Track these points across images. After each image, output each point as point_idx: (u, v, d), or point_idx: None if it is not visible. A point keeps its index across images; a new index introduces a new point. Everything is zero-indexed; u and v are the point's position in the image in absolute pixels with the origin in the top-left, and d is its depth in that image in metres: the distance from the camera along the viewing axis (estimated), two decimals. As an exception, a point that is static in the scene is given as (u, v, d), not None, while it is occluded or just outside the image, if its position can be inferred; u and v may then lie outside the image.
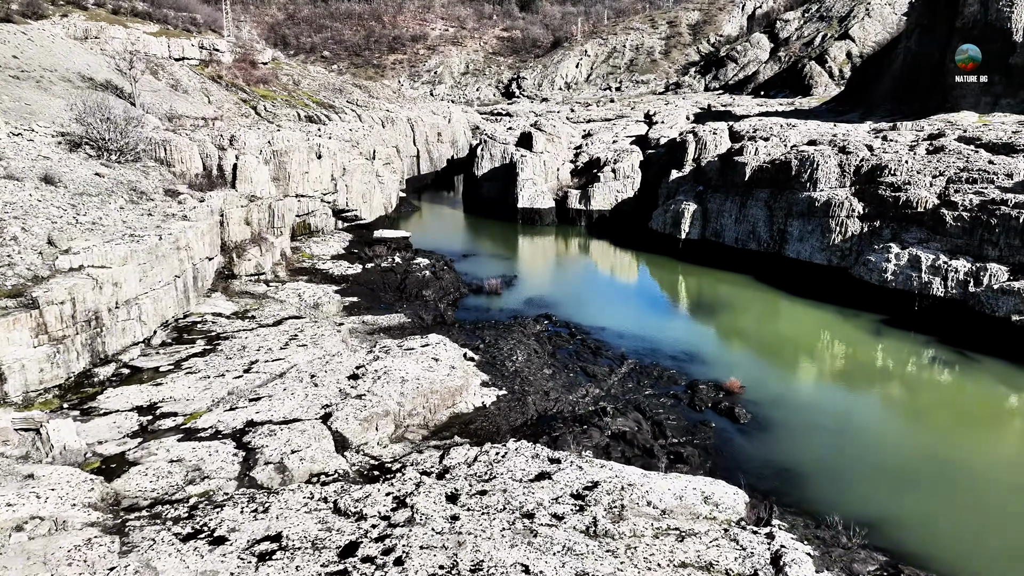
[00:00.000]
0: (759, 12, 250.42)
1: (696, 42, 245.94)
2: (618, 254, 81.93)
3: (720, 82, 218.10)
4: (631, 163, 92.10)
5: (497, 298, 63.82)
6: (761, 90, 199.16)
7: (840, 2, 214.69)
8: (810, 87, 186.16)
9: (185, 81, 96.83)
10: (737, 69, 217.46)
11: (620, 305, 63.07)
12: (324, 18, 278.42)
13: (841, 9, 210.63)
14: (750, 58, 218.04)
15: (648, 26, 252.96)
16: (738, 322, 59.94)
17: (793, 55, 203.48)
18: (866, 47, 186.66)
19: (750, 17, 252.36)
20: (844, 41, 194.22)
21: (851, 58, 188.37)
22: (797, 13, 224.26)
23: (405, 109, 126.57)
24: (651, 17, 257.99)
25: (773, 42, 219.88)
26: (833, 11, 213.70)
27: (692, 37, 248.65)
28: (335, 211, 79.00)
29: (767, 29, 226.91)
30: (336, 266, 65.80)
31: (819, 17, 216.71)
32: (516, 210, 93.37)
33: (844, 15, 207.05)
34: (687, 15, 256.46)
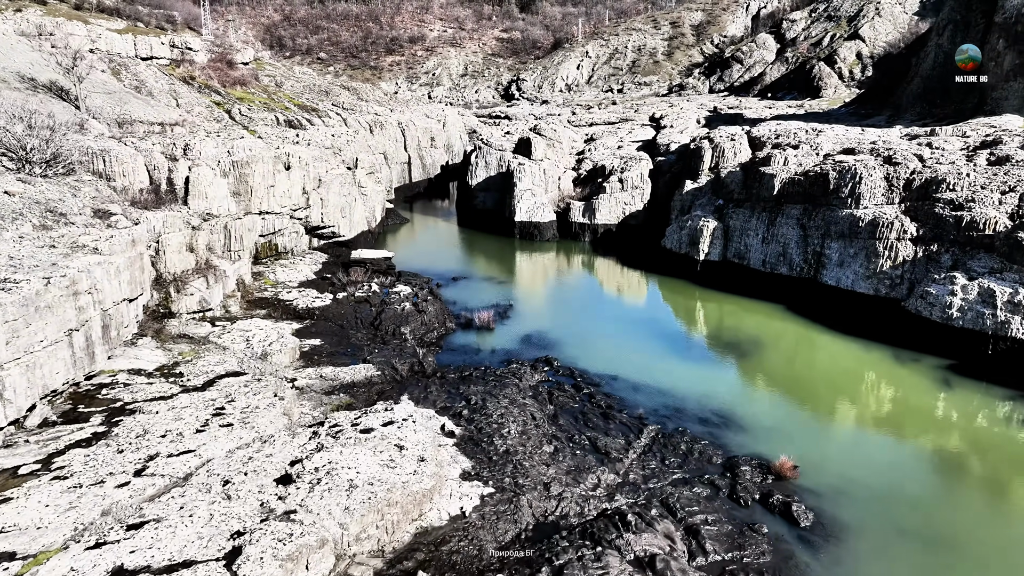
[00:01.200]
0: (764, 12, 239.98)
1: (699, 43, 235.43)
2: (627, 276, 71.46)
3: (725, 83, 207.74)
4: (640, 172, 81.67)
5: (489, 335, 53.44)
6: (768, 92, 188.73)
7: (848, 2, 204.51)
8: (819, 88, 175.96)
9: (151, 82, 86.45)
10: (742, 70, 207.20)
11: (633, 344, 52.65)
12: (321, 19, 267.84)
13: (849, 9, 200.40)
14: (756, 59, 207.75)
15: (650, 27, 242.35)
16: (774, 367, 49.49)
17: (801, 56, 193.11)
18: (877, 47, 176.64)
19: (754, 17, 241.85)
20: (854, 41, 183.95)
21: (861, 59, 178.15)
22: (804, 13, 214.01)
23: (396, 112, 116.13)
24: (653, 18, 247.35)
25: (779, 43, 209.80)
26: (841, 11, 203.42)
27: (695, 38, 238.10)
28: (308, 228, 68.62)
29: (773, 29, 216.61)
30: (302, 296, 55.47)
31: (827, 17, 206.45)
32: (513, 224, 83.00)
33: (853, 15, 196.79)
34: (690, 15, 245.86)
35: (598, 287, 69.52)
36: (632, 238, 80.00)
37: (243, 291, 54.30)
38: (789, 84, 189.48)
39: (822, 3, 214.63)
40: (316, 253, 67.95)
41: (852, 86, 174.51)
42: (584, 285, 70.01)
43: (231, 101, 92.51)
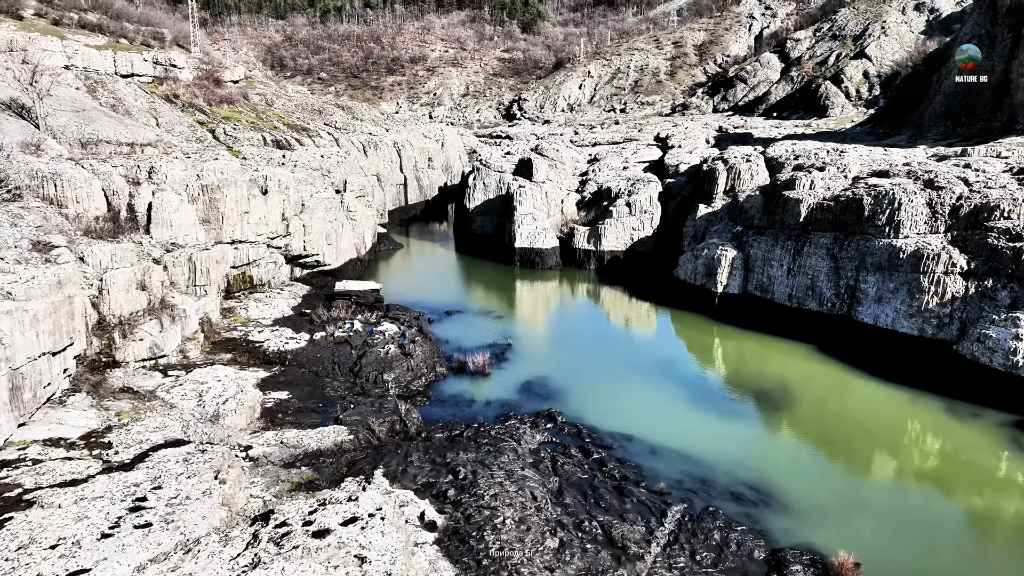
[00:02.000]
0: (767, 32, 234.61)
1: (703, 63, 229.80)
2: (637, 309, 64.53)
3: (729, 103, 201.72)
4: (649, 195, 74.96)
5: (484, 381, 46.47)
6: (773, 111, 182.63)
7: (853, 21, 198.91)
8: (826, 108, 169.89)
9: (130, 100, 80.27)
10: (747, 90, 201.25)
11: (646, 392, 45.63)
12: (322, 40, 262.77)
13: (855, 28, 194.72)
14: (760, 78, 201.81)
15: (653, 47, 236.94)
16: (811, 421, 42.41)
17: (806, 75, 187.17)
18: (884, 66, 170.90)
19: (757, 37, 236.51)
20: (860, 60, 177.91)
21: (868, 78, 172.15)
22: (808, 32, 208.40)
23: (392, 132, 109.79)
24: (655, 38, 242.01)
25: (784, 62, 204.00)
26: (847, 30, 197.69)
27: (698, 58, 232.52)
28: (289, 257, 61.88)
29: (777, 49, 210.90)
30: (275, 336, 48.60)
31: (832, 36, 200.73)
32: (513, 250, 76.22)
33: (858, 34, 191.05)
34: (692, 35, 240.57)
35: (605, 322, 62.50)
36: (641, 266, 73.16)
37: (208, 331, 47.44)
38: (795, 103, 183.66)
39: (826, 22, 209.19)
40: (297, 285, 61.16)
41: (860, 105, 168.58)
42: (590, 319, 63.01)
43: (216, 120, 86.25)
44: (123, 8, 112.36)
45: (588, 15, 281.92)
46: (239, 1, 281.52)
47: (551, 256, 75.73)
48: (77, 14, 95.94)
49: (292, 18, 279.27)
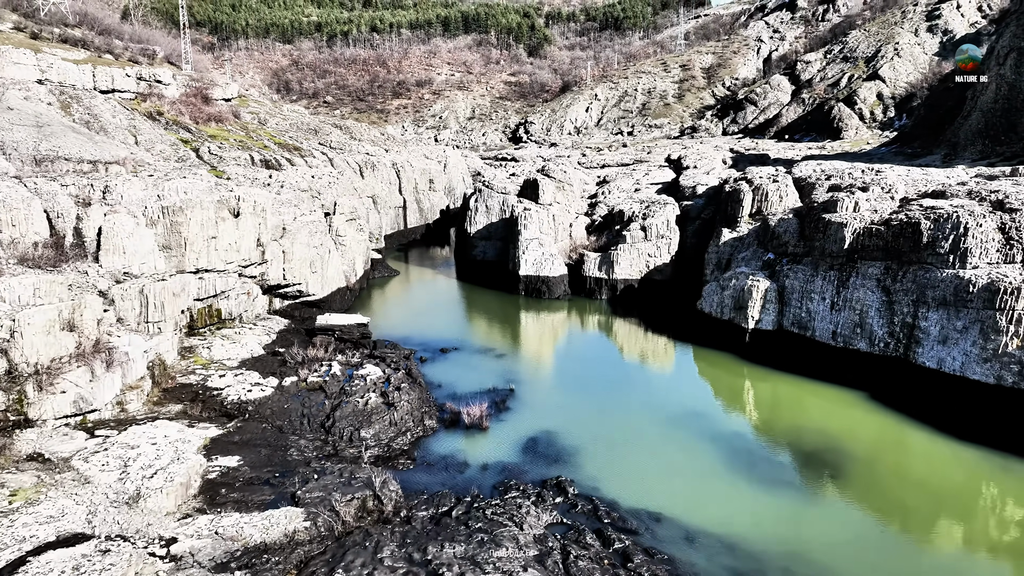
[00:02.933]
0: (775, 55, 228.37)
1: (711, 85, 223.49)
2: (655, 347, 56.68)
3: (739, 125, 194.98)
4: (665, 219, 67.37)
5: (481, 437, 38.63)
6: (785, 133, 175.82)
7: (865, 43, 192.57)
8: (840, 130, 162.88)
9: (107, 117, 73.42)
10: (757, 112, 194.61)
11: (673, 451, 37.66)
12: (328, 64, 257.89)
13: (866, 50, 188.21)
14: (770, 100, 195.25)
15: (660, 70, 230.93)
16: (871, 488, 34.31)
17: (818, 97, 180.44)
18: (898, 88, 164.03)
19: (766, 60, 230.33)
20: (873, 82, 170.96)
21: (883, 99, 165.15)
22: (819, 54, 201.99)
23: (392, 153, 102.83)
24: (663, 61, 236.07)
25: (794, 84, 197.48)
26: (858, 52, 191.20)
27: (706, 80, 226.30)
28: (266, 287, 54.44)
29: (787, 71, 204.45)
30: (238, 382, 40.94)
31: (843, 58, 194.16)
32: (518, 278, 68.62)
33: (870, 56, 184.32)
34: (700, 58, 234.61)
35: (620, 361, 54.51)
36: (658, 297, 65.46)
37: (159, 376, 39.86)
38: (807, 126, 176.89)
39: (837, 44, 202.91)
40: (274, 319, 53.61)
41: (875, 127, 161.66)
42: (603, 358, 55.01)
43: (202, 139, 79.36)
44: (114, 26, 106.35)
45: (595, 39, 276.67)
46: (246, 26, 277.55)
47: (559, 285, 68.07)
48: (60, 28, 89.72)
49: (299, 42, 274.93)
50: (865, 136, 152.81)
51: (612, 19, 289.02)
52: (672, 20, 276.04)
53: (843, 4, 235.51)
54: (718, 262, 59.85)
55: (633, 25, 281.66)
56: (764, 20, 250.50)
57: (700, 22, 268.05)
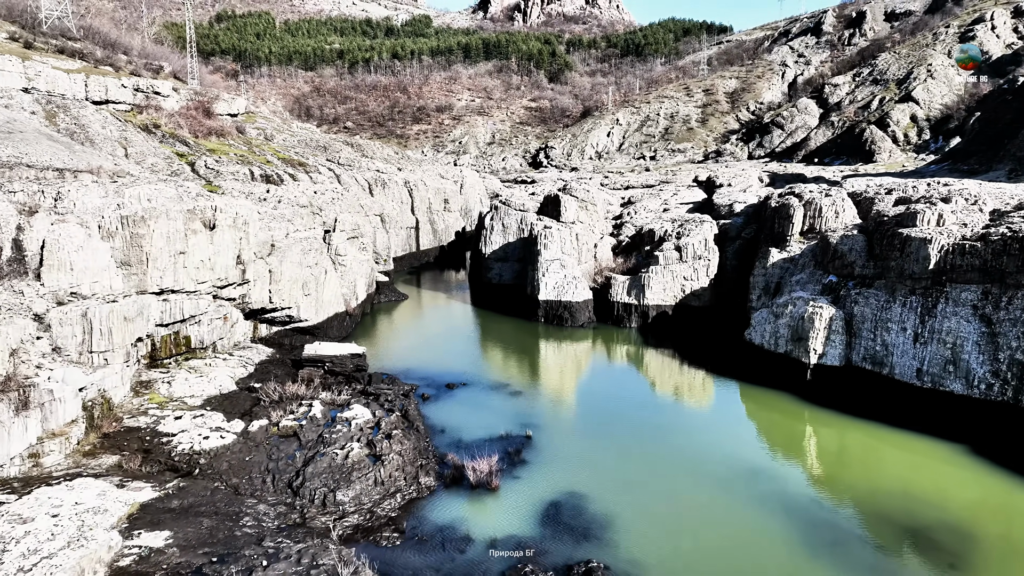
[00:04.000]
0: (801, 79, 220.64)
1: (735, 110, 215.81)
2: (696, 383, 48.12)
3: (765, 149, 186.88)
4: (703, 238, 59.10)
5: (491, 500, 30.32)
6: (814, 157, 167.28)
7: (895, 65, 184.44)
8: (872, 152, 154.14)
9: (95, 128, 67.01)
10: (784, 136, 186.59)
11: (726, 519, 29.06)
12: (349, 90, 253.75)
13: (897, 72, 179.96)
14: (798, 124, 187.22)
15: (683, 94, 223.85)
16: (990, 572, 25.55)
17: (847, 120, 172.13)
18: (933, 109, 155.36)
19: (791, 84, 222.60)
20: (907, 104, 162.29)
21: (917, 121, 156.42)
22: (847, 77, 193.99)
23: (405, 171, 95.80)
24: (686, 86, 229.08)
25: (822, 107, 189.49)
26: (888, 74, 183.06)
27: (730, 105, 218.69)
28: (249, 311, 46.80)
29: (814, 94, 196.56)
30: (196, 426, 33.06)
31: (872, 81, 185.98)
32: (537, 303, 60.56)
33: (902, 78, 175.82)
34: (724, 83, 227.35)
35: (656, 401, 45.88)
36: (695, 325, 57.04)
37: (101, 418, 32.14)
38: (836, 149, 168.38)
39: (866, 67, 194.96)
40: (256, 348, 45.87)
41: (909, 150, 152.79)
42: (635, 397, 46.40)
43: (199, 152, 72.66)
44: (121, 41, 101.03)
45: (616, 65, 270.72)
46: (270, 54, 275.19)
47: (583, 311, 59.87)
48: (60, 40, 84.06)
49: (321, 69, 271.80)
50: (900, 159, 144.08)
51: (633, 46, 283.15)
52: (694, 46, 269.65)
53: (870, 28, 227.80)
54: (766, 286, 51.48)
55: (655, 51, 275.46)
56: (788, 45, 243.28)
57: (723, 48, 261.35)
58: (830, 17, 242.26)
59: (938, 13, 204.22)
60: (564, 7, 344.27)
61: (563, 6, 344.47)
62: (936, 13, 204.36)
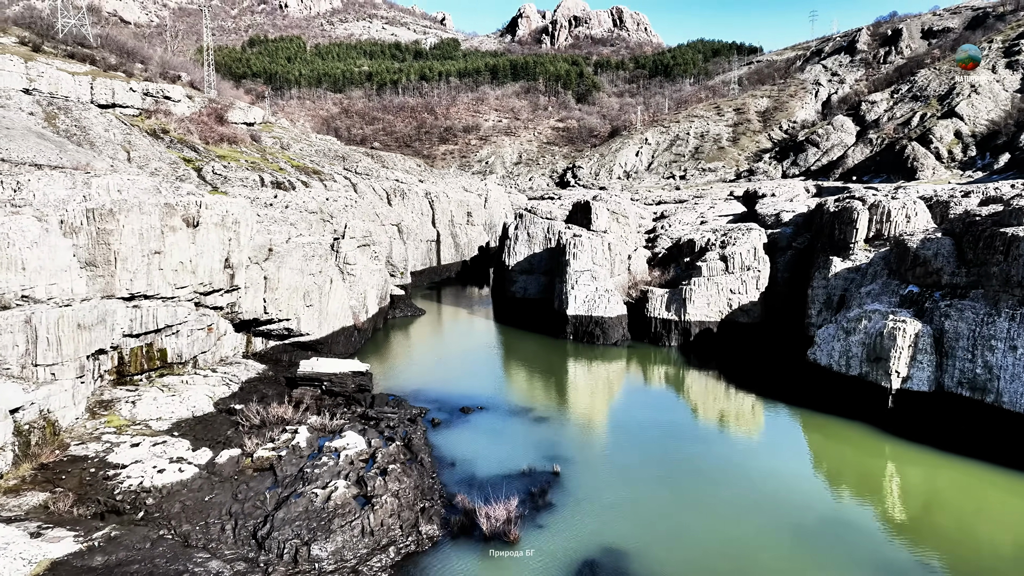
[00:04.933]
0: (835, 97, 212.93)
1: (767, 129, 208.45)
2: (747, 410, 41.07)
3: (800, 168, 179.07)
4: (752, 247, 52.23)
5: (508, 558, 23.57)
6: (852, 175, 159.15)
7: (936, 81, 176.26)
8: (915, 169, 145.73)
9: (98, 130, 62.57)
10: (819, 154, 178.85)
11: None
12: (377, 111, 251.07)
13: (938, 88, 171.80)
14: (834, 142, 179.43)
15: (713, 113, 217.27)
16: None
17: (887, 137, 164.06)
18: (978, 125, 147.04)
19: (825, 103, 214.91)
20: (950, 120, 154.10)
21: (961, 137, 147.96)
22: (884, 94, 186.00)
23: (427, 183, 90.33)
24: (716, 105, 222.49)
25: (859, 125, 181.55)
26: (929, 90, 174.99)
27: (762, 124, 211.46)
28: (240, 323, 40.91)
29: (850, 112, 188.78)
30: (153, 456, 26.95)
31: (912, 97, 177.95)
32: (565, 319, 54.04)
33: (944, 94, 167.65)
34: (755, 102, 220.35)
35: (704, 432, 38.82)
36: (744, 343, 50.09)
37: (41, 445, 26.23)
38: (875, 166, 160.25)
39: (905, 84, 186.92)
40: (246, 363, 39.87)
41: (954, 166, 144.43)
42: (680, 427, 39.39)
43: (208, 159, 67.74)
44: (139, 50, 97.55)
45: (644, 86, 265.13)
46: (300, 76, 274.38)
47: (616, 328, 53.18)
48: (72, 47, 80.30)
49: (349, 91, 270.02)
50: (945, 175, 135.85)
51: (662, 66, 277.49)
52: (723, 67, 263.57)
53: (906, 46, 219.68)
54: (827, 299, 44.50)
55: (683, 72, 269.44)
56: (821, 64, 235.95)
57: (753, 68, 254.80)
58: (864, 35, 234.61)
59: (979, 29, 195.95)
60: (592, 30, 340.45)
61: (591, 29, 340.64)
62: (977, 29, 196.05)
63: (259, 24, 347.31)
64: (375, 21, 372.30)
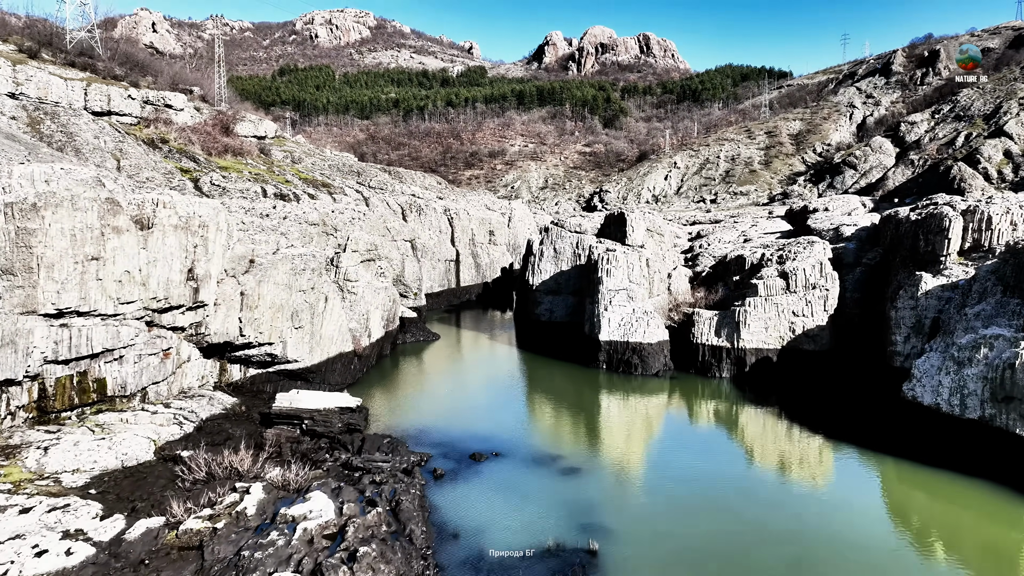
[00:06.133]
0: (871, 119, 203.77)
1: (800, 151, 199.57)
2: (820, 458, 32.55)
3: (837, 190, 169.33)
4: (816, 261, 43.95)
5: None
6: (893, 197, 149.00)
7: (980, 100, 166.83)
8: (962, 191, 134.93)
9: (86, 137, 56.71)
10: (857, 176, 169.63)
11: None
12: (403, 136, 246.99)
13: (983, 107, 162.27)
14: (872, 164, 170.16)
15: (744, 136, 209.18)
16: None
17: (929, 158, 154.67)
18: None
19: (860, 125, 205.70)
20: (998, 139, 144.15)
21: (1012, 157, 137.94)
22: (925, 115, 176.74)
23: (447, 199, 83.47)
24: (746, 128, 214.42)
25: (899, 146, 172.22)
26: (973, 109, 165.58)
27: (795, 147, 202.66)
28: (208, 347, 33.65)
29: (888, 133, 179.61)
30: (42, 529, 19.52)
31: (955, 117, 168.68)
32: (597, 345, 46.10)
33: (989, 113, 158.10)
34: (787, 125, 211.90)
35: (766, 485, 30.26)
36: (809, 373, 41.73)
37: None
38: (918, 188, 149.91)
39: (946, 104, 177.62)
40: (215, 396, 32.46)
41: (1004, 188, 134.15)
42: (738, 481, 30.89)
43: (208, 169, 61.39)
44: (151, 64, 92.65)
45: (672, 110, 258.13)
46: (327, 104, 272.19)
47: (657, 356, 45.05)
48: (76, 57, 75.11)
49: (376, 118, 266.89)
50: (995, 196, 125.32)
51: (690, 91, 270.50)
52: (753, 91, 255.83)
53: (944, 67, 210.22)
54: (917, 323, 36.13)
55: (712, 96, 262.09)
56: (855, 86, 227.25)
57: (784, 91, 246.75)
58: (899, 57, 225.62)
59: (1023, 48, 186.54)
60: (618, 56, 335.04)
61: (617, 56, 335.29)
62: (1021, 48, 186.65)
63: (290, 54, 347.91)
64: (403, 50, 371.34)
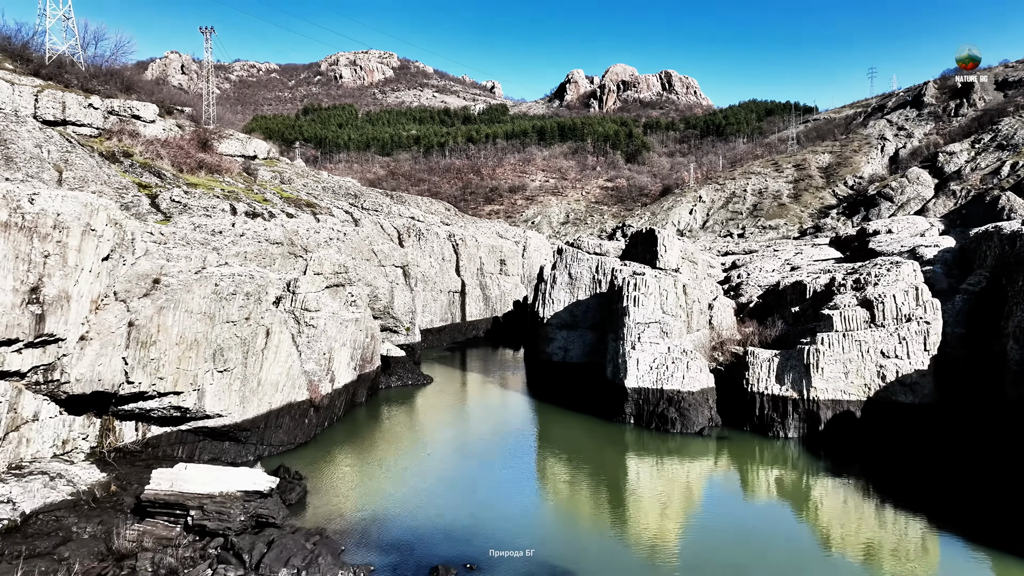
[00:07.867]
0: (903, 152, 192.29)
1: (830, 184, 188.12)
2: (925, 551, 21.41)
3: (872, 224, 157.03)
4: (907, 286, 32.99)
5: None
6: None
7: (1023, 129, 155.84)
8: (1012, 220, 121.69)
9: (23, 144, 47.58)
10: (894, 208, 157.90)
11: None
12: (423, 172, 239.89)
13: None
14: (909, 195, 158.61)
15: (771, 170, 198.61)
16: None
17: (972, 188, 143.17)
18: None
19: (892, 157, 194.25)
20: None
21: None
22: (964, 145, 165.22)
23: (453, 225, 73.75)
24: (774, 161, 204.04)
25: (936, 176, 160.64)
26: (1016, 138, 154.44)
27: (824, 180, 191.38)
28: (67, 398, 23.59)
29: (925, 164, 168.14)
30: None
31: (997, 146, 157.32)
32: (622, 393, 35.34)
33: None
34: (816, 158, 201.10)
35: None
36: (906, 434, 30.54)
37: None
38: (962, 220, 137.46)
39: (986, 133, 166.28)
40: (71, 469, 21.93)
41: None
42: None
43: (173, 185, 52.09)
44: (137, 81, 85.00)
45: (696, 145, 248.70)
46: (349, 141, 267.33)
47: (700, 408, 34.08)
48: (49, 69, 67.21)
49: (396, 154, 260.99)
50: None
51: (714, 126, 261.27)
52: (778, 125, 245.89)
53: (979, 98, 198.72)
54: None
55: (736, 131, 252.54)
56: (886, 119, 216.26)
57: (811, 125, 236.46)
58: (931, 89, 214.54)
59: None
60: (640, 93, 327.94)
61: (639, 92, 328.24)
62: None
63: (314, 94, 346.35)
64: (426, 90, 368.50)
